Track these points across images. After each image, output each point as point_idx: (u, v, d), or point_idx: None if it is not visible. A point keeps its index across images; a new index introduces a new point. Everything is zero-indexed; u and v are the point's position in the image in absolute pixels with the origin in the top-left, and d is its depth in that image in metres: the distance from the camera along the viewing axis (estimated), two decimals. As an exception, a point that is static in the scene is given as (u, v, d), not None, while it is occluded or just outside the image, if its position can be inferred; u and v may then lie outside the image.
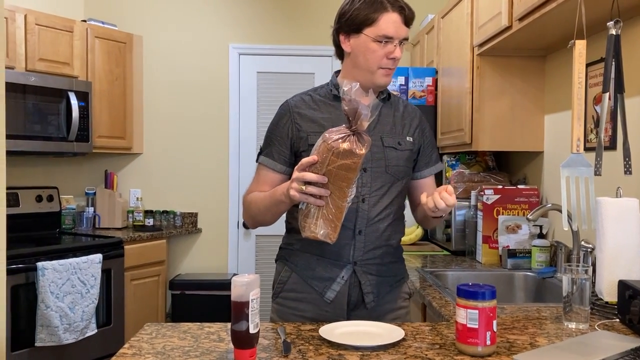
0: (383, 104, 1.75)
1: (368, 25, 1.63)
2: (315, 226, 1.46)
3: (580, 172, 1.61)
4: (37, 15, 3.61)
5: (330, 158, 1.41)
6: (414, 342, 1.39)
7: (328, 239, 1.48)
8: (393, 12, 1.62)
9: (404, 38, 1.66)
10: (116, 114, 4.15)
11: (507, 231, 2.63)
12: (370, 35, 1.63)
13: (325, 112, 1.70)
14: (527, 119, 2.79)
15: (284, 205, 1.58)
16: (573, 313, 1.53)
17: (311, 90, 1.78)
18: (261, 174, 1.73)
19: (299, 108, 1.72)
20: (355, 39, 1.66)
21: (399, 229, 1.77)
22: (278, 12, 4.45)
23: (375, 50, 1.63)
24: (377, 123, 1.71)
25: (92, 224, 4.18)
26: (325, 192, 1.43)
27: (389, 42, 1.63)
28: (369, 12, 1.62)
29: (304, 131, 1.68)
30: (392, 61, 1.65)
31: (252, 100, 4.46)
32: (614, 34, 1.61)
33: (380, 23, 1.62)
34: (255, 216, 1.69)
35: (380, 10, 1.62)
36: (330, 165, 1.42)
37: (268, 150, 1.72)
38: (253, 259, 4.48)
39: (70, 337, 3.20)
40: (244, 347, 1.24)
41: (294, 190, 1.45)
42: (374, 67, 1.65)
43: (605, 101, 1.64)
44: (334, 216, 1.46)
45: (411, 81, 3.53)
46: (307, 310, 1.70)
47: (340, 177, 1.42)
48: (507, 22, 2.30)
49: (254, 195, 1.69)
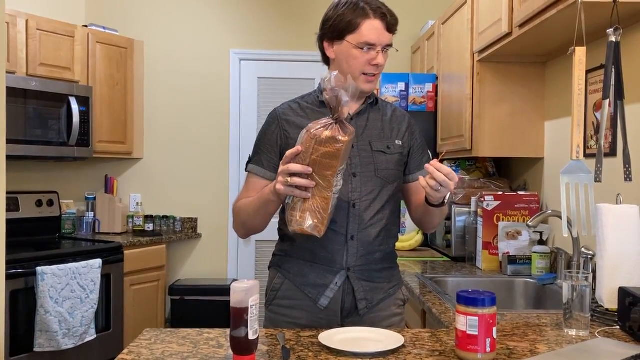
0: (371, 109, 1.76)
1: (350, 32, 1.64)
2: (303, 219, 1.46)
3: (580, 178, 1.61)
4: (39, 20, 3.62)
5: (314, 147, 1.42)
6: (414, 348, 1.38)
7: (316, 232, 1.47)
8: (375, 19, 1.63)
9: (387, 44, 1.66)
10: (117, 119, 4.16)
11: (507, 237, 2.63)
12: (352, 42, 1.64)
13: (313, 119, 1.71)
14: (527, 125, 2.80)
15: (273, 205, 1.57)
16: (573, 320, 1.53)
17: (299, 98, 1.79)
18: (251, 182, 1.73)
19: (287, 115, 1.73)
20: (338, 45, 1.67)
21: (392, 234, 1.77)
22: (279, 17, 4.47)
23: (358, 57, 1.64)
24: (365, 128, 1.71)
25: (92, 228, 4.18)
26: (310, 184, 1.43)
27: (372, 48, 1.64)
28: (351, 19, 1.63)
29: (292, 138, 1.68)
30: (375, 67, 1.66)
31: (253, 106, 4.46)
32: (613, 41, 1.62)
33: (362, 30, 1.62)
34: (246, 222, 1.69)
35: (362, 17, 1.62)
36: (314, 155, 1.42)
37: (257, 159, 1.73)
38: (253, 264, 4.48)
39: (69, 342, 3.19)
40: (243, 353, 1.23)
41: (280, 184, 1.45)
42: (357, 73, 1.66)
43: (605, 108, 1.64)
44: (321, 208, 1.45)
45: (411, 87, 3.53)
46: (300, 317, 1.69)
47: (324, 165, 1.43)
48: (508, 29, 2.30)
49: (242, 202, 1.69)
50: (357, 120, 1.72)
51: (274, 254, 1.80)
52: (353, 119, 1.72)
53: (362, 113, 1.74)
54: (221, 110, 4.47)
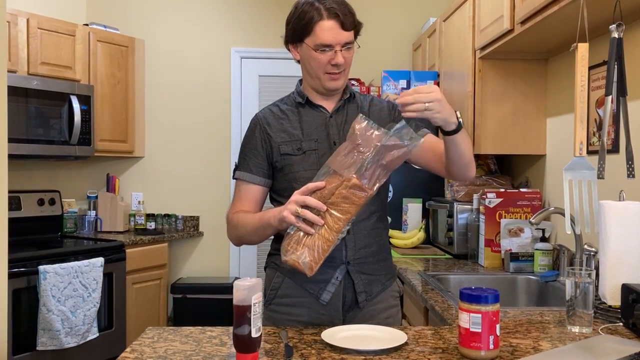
0: (349, 104, 1.76)
1: (307, 35, 1.64)
2: (299, 253, 1.44)
3: (583, 175, 1.60)
4: (40, 19, 3.62)
5: (338, 188, 1.42)
6: (417, 346, 1.38)
7: (308, 270, 1.45)
8: (329, 20, 1.61)
9: (346, 42, 1.64)
10: (118, 118, 4.16)
11: (509, 235, 2.63)
12: (310, 45, 1.64)
13: (294, 121, 1.73)
14: (530, 122, 2.79)
15: (271, 230, 1.59)
16: (576, 317, 1.53)
17: (278, 101, 1.80)
18: (242, 189, 1.74)
19: (267, 119, 1.73)
20: (300, 48, 1.69)
21: (384, 225, 1.78)
22: (280, 15, 4.42)
23: (317, 58, 1.65)
24: (345, 123, 1.71)
25: (93, 227, 4.18)
26: (319, 221, 1.44)
27: (328, 49, 1.63)
28: (305, 22, 1.63)
29: (275, 141, 1.69)
30: (335, 67, 1.66)
31: (254, 104, 4.46)
32: (616, 37, 1.61)
33: (316, 32, 1.62)
34: (243, 237, 1.70)
35: (315, 19, 1.62)
36: (335, 196, 1.43)
37: (245, 165, 1.73)
38: (255, 262, 4.48)
39: (71, 341, 3.19)
40: (246, 351, 1.23)
41: (288, 212, 1.45)
42: (319, 73, 1.67)
43: (607, 104, 1.64)
44: (321, 248, 1.44)
45: (413, 84, 3.53)
46: (302, 314, 1.69)
47: (340, 209, 1.43)
48: (509, 25, 2.30)
49: (241, 217, 1.68)
50: (335, 117, 1.72)
51: (270, 254, 1.80)
52: (332, 117, 1.72)
53: (339, 109, 1.74)
54: (222, 108, 4.46)
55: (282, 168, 1.69)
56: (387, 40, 4.38)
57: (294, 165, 1.67)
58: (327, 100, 1.74)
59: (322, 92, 1.73)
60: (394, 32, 4.37)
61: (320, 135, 1.69)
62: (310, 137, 1.69)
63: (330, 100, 1.74)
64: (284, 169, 1.69)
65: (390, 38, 4.37)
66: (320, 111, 1.73)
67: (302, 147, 1.68)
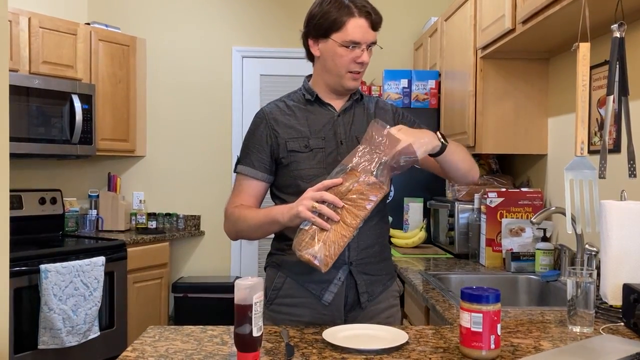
0: (356, 105, 1.77)
1: (335, 30, 1.63)
2: (316, 247, 1.44)
3: (584, 175, 1.60)
4: (41, 18, 3.62)
5: (355, 185, 1.44)
6: (418, 345, 1.38)
7: (322, 266, 1.45)
8: (360, 17, 1.62)
9: (372, 42, 1.66)
10: (119, 117, 4.16)
11: (510, 234, 2.63)
12: (337, 41, 1.63)
13: (301, 118, 1.72)
14: (531, 121, 2.79)
15: (277, 227, 1.58)
16: (577, 317, 1.53)
17: (284, 96, 1.79)
18: (242, 183, 1.73)
19: (274, 115, 1.72)
20: (323, 43, 1.67)
21: (386, 225, 1.79)
22: (281, 14, 4.46)
23: (343, 55, 1.64)
24: (352, 124, 1.72)
25: (95, 226, 4.18)
26: (335, 216, 1.44)
27: (357, 47, 1.64)
28: (336, 17, 1.62)
29: (281, 137, 1.69)
30: (360, 65, 1.66)
31: (255, 103, 4.46)
32: (618, 36, 1.61)
33: (347, 28, 1.62)
34: (242, 231, 1.69)
35: (347, 15, 1.62)
36: (352, 192, 1.44)
37: (247, 159, 1.72)
38: (256, 261, 4.48)
39: (73, 339, 3.20)
40: (248, 350, 1.23)
41: (304, 207, 1.45)
42: (342, 71, 1.66)
43: (609, 104, 1.64)
44: (336, 244, 1.45)
45: (414, 84, 3.53)
46: (303, 314, 1.69)
47: (357, 205, 1.44)
48: (511, 25, 2.29)
49: (242, 212, 1.68)
50: (343, 117, 1.73)
51: (270, 253, 1.80)
52: (340, 116, 1.72)
53: (347, 109, 1.75)
54: (223, 107, 4.47)
55: (288, 165, 1.68)
56: (389, 39, 4.35)
57: (300, 162, 1.67)
58: (336, 99, 1.74)
59: (337, 91, 1.72)
60: (395, 32, 4.37)
61: (327, 133, 1.69)
62: (317, 135, 1.69)
63: (339, 100, 1.75)
64: (289, 165, 1.68)
65: (392, 37, 4.37)
66: (328, 109, 1.73)
67: (309, 144, 1.67)
